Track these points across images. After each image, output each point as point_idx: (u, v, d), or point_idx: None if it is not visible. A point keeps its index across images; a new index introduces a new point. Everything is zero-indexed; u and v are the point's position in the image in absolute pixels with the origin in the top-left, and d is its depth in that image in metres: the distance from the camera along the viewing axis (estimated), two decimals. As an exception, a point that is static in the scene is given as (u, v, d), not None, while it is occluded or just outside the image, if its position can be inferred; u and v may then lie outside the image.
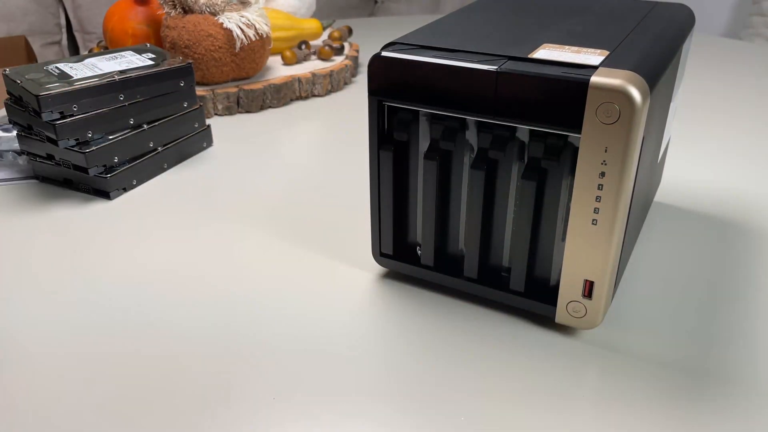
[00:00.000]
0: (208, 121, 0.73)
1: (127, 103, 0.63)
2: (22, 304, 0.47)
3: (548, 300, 0.43)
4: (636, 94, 0.35)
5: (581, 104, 0.36)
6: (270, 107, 0.85)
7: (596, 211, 0.38)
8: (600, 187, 0.37)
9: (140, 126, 0.64)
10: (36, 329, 0.44)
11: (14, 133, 0.73)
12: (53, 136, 0.59)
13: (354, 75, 0.99)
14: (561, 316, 0.42)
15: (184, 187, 0.64)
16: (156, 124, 0.65)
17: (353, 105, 0.86)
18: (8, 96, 0.63)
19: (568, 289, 0.41)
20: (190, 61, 0.71)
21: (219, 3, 0.81)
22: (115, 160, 0.62)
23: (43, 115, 0.58)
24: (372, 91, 0.43)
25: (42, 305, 0.47)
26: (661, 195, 0.60)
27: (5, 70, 0.62)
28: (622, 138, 0.35)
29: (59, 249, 0.53)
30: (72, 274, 0.50)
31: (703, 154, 0.71)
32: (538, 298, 0.43)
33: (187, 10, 0.81)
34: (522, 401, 0.38)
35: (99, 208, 0.60)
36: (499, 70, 0.38)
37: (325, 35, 1.09)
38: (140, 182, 0.64)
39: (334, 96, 0.89)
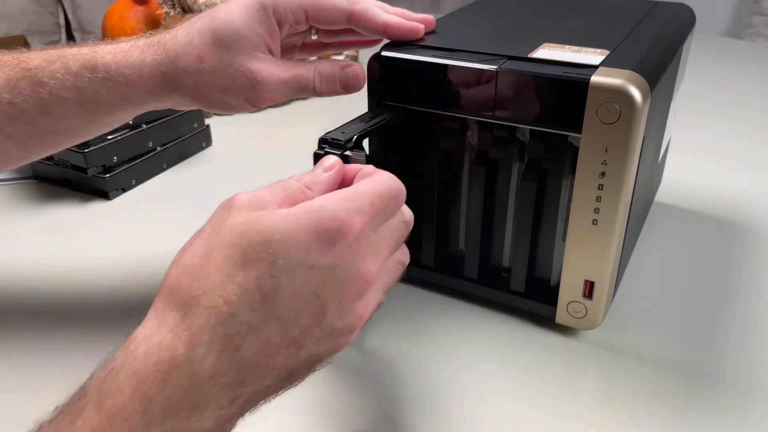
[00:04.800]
0: (207, 121, 0.73)
1: (126, 103, 0.63)
2: (21, 304, 0.47)
3: (548, 300, 0.43)
4: (636, 93, 0.35)
5: (581, 104, 0.36)
6: (269, 107, 0.85)
7: (596, 211, 0.38)
8: (600, 187, 0.37)
9: (139, 126, 0.64)
10: (35, 329, 0.44)
11: (13, 132, 0.73)
12: (52, 136, 0.59)
13: (354, 75, 0.98)
14: (561, 316, 0.42)
15: (183, 187, 0.64)
16: (155, 123, 0.65)
17: (353, 105, 0.86)
18: (7, 96, 0.63)
19: (569, 290, 0.41)
20: (190, 60, 0.70)
21: (218, 3, 0.80)
22: (114, 160, 0.61)
23: (42, 114, 0.58)
24: (372, 91, 0.43)
25: (41, 305, 0.46)
26: (661, 195, 0.60)
27: (4, 70, 0.62)
28: (622, 138, 0.35)
29: (58, 249, 0.53)
30: (70, 274, 0.50)
31: (704, 154, 0.71)
32: (538, 299, 0.43)
33: (186, 10, 0.81)
34: (522, 401, 0.38)
35: (98, 208, 0.60)
36: (499, 69, 0.37)
37: (324, 35, 1.09)
38: (139, 182, 0.64)
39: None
